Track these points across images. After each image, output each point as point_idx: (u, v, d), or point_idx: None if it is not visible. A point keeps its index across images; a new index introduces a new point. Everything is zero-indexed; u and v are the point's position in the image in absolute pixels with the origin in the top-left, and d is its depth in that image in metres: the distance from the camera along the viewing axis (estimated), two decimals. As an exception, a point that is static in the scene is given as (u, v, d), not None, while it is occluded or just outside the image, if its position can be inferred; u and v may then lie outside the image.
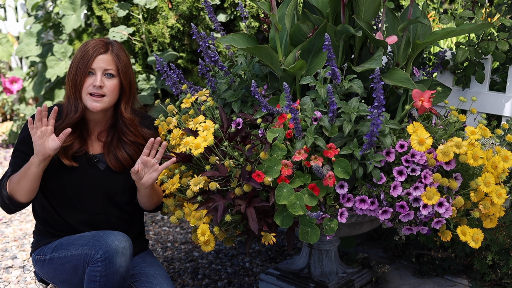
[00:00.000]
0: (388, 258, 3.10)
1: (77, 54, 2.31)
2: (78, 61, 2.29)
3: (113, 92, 2.31)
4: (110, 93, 2.30)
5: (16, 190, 2.25)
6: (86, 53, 2.28)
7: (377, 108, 2.04)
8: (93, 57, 2.28)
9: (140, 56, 3.81)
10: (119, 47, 2.35)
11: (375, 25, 2.57)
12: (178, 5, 3.54)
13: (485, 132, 2.21)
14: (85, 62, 2.28)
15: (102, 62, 2.29)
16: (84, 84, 2.28)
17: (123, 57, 2.33)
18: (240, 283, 2.97)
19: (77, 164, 2.33)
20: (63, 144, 2.28)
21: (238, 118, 2.34)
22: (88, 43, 2.32)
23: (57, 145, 2.19)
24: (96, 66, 2.28)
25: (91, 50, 2.29)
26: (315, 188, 2.09)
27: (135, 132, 2.38)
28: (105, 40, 2.35)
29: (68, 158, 2.32)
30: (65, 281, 2.36)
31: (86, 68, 2.28)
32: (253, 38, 2.42)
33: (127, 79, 2.33)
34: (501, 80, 3.05)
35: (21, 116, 5.03)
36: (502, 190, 2.12)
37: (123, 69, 2.32)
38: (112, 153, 2.36)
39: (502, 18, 2.68)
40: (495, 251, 2.70)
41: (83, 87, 2.29)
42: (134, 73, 2.40)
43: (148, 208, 2.44)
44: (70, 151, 2.32)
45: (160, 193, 2.40)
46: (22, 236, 3.48)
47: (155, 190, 2.36)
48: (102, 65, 2.29)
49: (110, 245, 2.19)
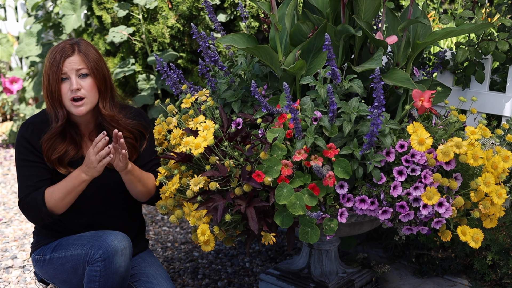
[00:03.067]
0: (388, 258, 3.10)
1: (46, 63, 2.27)
2: (48, 70, 2.25)
3: (92, 90, 2.28)
4: (89, 93, 2.27)
5: (60, 206, 2.26)
6: (54, 60, 2.24)
7: (377, 108, 2.04)
8: (62, 62, 2.23)
9: (140, 56, 3.81)
10: (86, 44, 2.31)
11: (375, 25, 2.57)
12: (178, 5, 3.54)
13: (485, 132, 2.21)
14: (55, 69, 2.23)
15: (72, 64, 2.24)
16: (62, 92, 2.25)
17: (91, 54, 2.28)
18: (240, 283, 2.97)
19: (73, 169, 2.32)
20: (57, 155, 2.28)
21: (238, 118, 2.34)
22: (54, 49, 2.27)
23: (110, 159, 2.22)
24: (67, 70, 2.24)
25: (58, 56, 2.24)
26: (315, 188, 2.09)
27: (118, 127, 2.34)
28: (69, 42, 2.30)
29: (64, 167, 2.31)
30: (65, 281, 2.36)
31: (57, 75, 2.23)
32: (253, 38, 2.42)
33: (100, 75, 2.29)
34: (501, 80, 3.05)
35: (21, 116, 5.03)
36: (502, 190, 2.12)
37: (94, 66, 2.27)
38: None
39: (502, 18, 2.68)
40: (495, 251, 2.70)
41: (62, 95, 2.26)
42: (107, 67, 2.36)
43: (139, 198, 2.41)
44: (66, 158, 2.32)
45: (145, 182, 2.37)
46: (22, 236, 3.48)
47: (138, 178, 2.33)
48: (74, 66, 2.24)
49: (109, 245, 2.19)
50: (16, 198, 4.01)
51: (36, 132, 2.31)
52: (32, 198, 2.27)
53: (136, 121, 2.42)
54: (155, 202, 2.45)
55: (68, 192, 2.25)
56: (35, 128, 2.31)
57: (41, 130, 2.31)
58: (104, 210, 2.42)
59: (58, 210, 2.27)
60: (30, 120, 2.35)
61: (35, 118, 2.35)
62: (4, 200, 4.00)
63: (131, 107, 2.48)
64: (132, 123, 2.40)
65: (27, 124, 2.33)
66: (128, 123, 2.39)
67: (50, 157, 2.29)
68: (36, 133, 2.30)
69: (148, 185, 2.39)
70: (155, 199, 2.44)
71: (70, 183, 2.25)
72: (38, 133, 2.30)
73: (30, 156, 2.30)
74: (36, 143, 2.29)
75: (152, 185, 2.40)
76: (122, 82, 3.95)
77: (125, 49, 3.86)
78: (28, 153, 2.30)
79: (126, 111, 2.43)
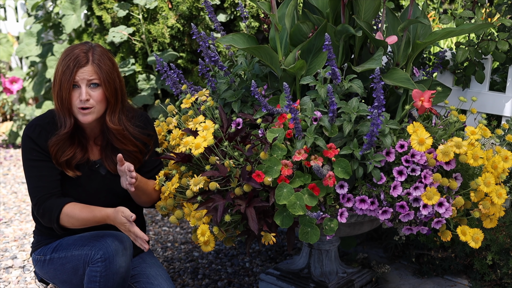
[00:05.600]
0: (388, 258, 3.10)
1: (59, 67, 2.25)
2: (60, 76, 2.23)
3: (101, 102, 2.26)
4: (97, 104, 2.26)
5: (71, 226, 2.29)
6: (67, 68, 2.22)
7: (377, 108, 2.04)
8: (74, 71, 2.21)
9: (140, 56, 3.81)
10: (101, 53, 2.27)
11: (375, 25, 2.57)
12: (178, 5, 3.54)
13: (485, 132, 2.21)
14: (67, 78, 2.22)
15: (84, 74, 2.23)
16: (72, 99, 2.24)
17: (105, 65, 2.25)
18: (240, 283, 2.97)
19: (80, 173, 2.33)
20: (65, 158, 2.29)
21: (238, 118, 2.34)
22: (68, 55, 2.24)
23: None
24: (79, 79, 2.23)
25: (71, 64, 2.22)
26: (315, 188, 2.09)
27: (123, 141, 2.34)
28: (84, 48, 2.26)
29: (72, 169, 2.31)
30: (65, 281, 2.36)
31: (69, 83, 2.22)
32: (253, 38, 2.42)
33: (111, 88, 2.27)
34: (501, 80, 3.05)
35: (21, 116, 5.03)
36: (502, 190, 2.12)
37: (106, 78, 2.24)
38: (109, 158, 2.36)
39: (502, 18, 2.68)
40: (495, 251, 2.70)
41: (72, 103, 2.25)
42: (120, 78, 2.32)
43: (142, 205, 2.45)
44: (74, 161, 2.32)
45: (150, 193, 2.39)
46: (22, 236, 3.48)
47: (143, 191, 2.35)
48: (85, 76, 2.23)
49: (110, 246, 2.19)
50: (16, 198, 4.01)
51: (43, 133, 2.30)
52: (48, 208, 2.27)
53: (142, 131, 2.40)
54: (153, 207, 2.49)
55: (85, 224, 2.28)
56: (42, 130, 2.31)
57: (48, 131, 2.30)
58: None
59: (69, 226, 2.30)
60: (36, 121, 2.34)
61: (42, 120, 2.34)
62: (4, 200, 4.00)
63: (137, 111, 2.45)
64: (138, 135, 2.38)
65: (34, 126, 2.32)
66: (135, 134, 2.37)
67: (59, 160, 2.29)
68: (44, 134, 2.30)
69: (152, 196, 2.41)
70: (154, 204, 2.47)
71: (91, 220, 2.26)
72: (45, 134, 2.30)
73: (39, 157, 2.29)
74: (44, 145, 2.29)
75: (156, 194, 2.42)
76: (122, 82, 3.95)
77: (125, 49, 3.86)
78: (36, 153, 2.29)
79: (134, 118, 2.40)
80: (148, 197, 2.40)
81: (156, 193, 2.41)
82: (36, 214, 2.31)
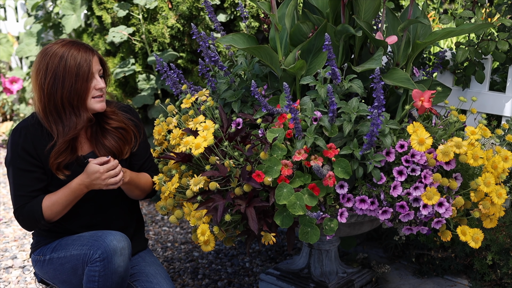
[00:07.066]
0: (388, 258, 3.10)
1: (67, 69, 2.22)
2: (75, 71, 2.23)
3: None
4: (105, 91, 2.35)
5: (58, 216, 2.30)
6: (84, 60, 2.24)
7: (377, 108, 2.04)
8: (91, 61, 2.26)
9: (140, 56, 3.81)
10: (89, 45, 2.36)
11: (375, 25, 2.57)
12: (178, 5, 3.54)
13: (485, 132, 2.21)
14: (85, 70, 2.24)
15: (96, 64, 2.29)
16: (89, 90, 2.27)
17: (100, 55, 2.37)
18: (240, 283, 2.97)
19: (69, 172, 2.32)
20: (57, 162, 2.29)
21: (238, 118, 2.34)
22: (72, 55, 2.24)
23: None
24: (94, 70, 2.28)
25: (85, 55, 2.25)
26: (315, 188, 2.09)
27: (117, 118, 2.40)
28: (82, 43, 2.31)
29: (62, 172, 2.31)
30: (65, 281, 2.36)
31: (88, 75, 2.25)
32: (253, 38, 2.42)
33: (106, 75, 2.37)
34: (501, 80, 3.05)
35: (21, 116, 5.03)
36: (502, 190, 2.12)
37: (106, 66, 2.36)
38: (100, 143, 2.36)
39: (502, 18, 2.68)
40: (495, 251, 2.70)
41: (88, 94, 2.28)
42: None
43: (136, 198, 2.49)
44: (63, 163, 2.31)
45: (142, 186, 2.43)
46: (22, 236, 3.48)
47: (136, 185, 2.38)
48: (97, 67, 2.30)
49: (108, 245, 2.19)
50: (16, 198, 4.01)
51: (29, 136, 2.28)
52: (29, 210, 2.27)
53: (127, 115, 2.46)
54: (151, 196, 2.52)
55: (68, 204, 2.29)
56: (28, 133, 2.29)
57: (33, 134, 2.29)
58: (102, 210, 2.42)
59: (55, 219, 2.31)
60: (21, 124, 2.32)
61: (25, 123, 2.33)
62: (4, 200, 4.00)
63: (117, 102, 2.51)
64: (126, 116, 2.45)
65: (19, 129, 2.30)
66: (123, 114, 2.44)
67: (52, 165, 2.29)
68: (30, 137, 2.28)
69: (145, 188, 2.45)
70: (151, 194, 2.50)
71: (71, 196, 2.27)
72: (31, 137, 2.28)
73: (25, 165, 2.28)
74: (31, 149, 2.27)
75: (149, 187, 2.46)
76: (122, 82, 3.95)
77: (125, 49, 3.85)
78: (22, 161, 2.28)
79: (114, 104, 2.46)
80: (141, 190, 2.43)
81: (148, 185, 2.45)
82: (17, 220, 2.32)
